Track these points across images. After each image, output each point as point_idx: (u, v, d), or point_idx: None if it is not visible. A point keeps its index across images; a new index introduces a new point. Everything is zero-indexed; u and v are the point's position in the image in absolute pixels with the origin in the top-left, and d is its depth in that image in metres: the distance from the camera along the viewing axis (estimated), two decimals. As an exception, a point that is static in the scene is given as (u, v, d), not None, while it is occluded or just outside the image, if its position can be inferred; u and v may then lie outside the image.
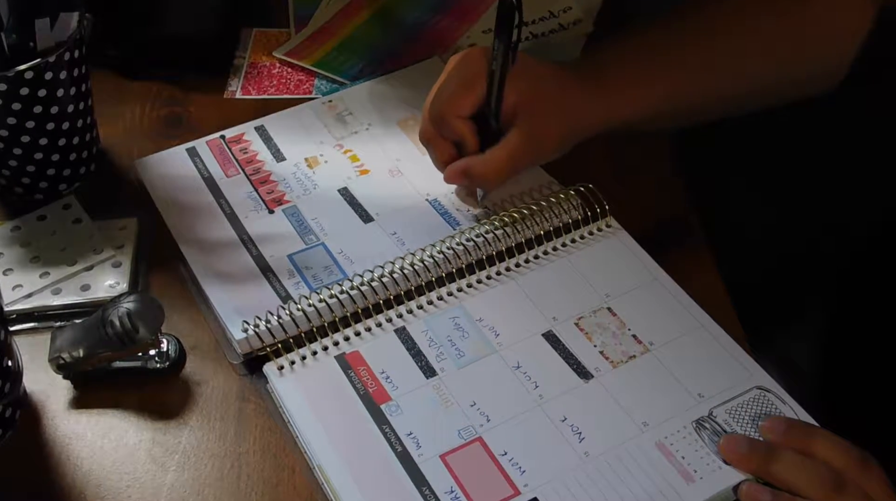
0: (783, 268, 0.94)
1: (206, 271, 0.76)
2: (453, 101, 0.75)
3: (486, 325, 0.71)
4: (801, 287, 0.94)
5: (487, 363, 0.69)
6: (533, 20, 1.01)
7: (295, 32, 1.00)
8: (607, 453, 0.64)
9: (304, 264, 0.76)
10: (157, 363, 0.70)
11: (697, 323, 0.71)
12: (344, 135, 0.87)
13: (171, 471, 0.66)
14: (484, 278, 0.74)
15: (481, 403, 0.67)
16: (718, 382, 0.67)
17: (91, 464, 0.66)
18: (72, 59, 0.78)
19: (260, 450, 0.67)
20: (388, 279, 0.72)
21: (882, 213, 0.84)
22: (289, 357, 0.69)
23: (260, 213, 0.80)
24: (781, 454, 0.62)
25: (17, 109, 0.76)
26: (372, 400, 0.67)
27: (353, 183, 0.83)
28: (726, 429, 0.65)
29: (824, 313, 0.94)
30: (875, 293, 0.88)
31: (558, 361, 0.69)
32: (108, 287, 0.75)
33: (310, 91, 0.94)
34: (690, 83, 0.78)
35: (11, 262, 0.77)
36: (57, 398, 0.70)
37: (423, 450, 0.64)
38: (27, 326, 0.74)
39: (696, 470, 0.63)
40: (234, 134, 0.87)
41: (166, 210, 0.81)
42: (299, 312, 0.70)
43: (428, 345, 0.70)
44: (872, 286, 0.89)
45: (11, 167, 0.80)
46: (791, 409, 0.66)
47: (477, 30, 1.00)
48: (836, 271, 0.92)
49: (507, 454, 0.64)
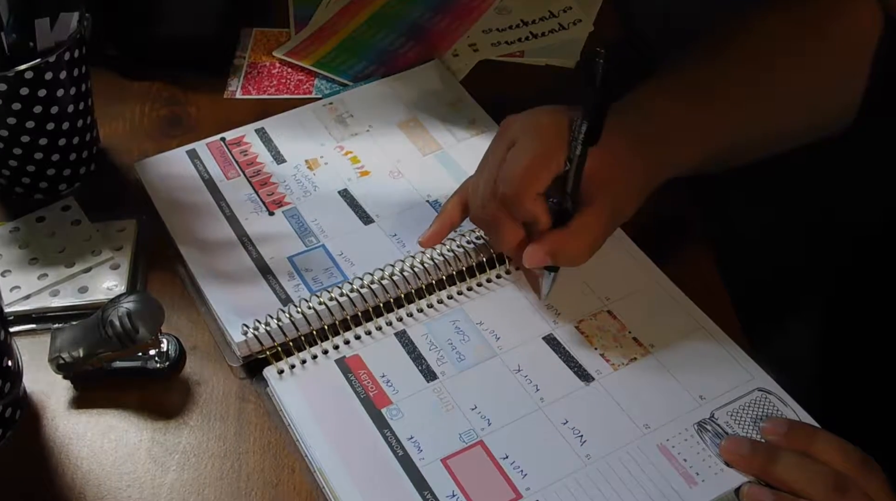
0: (783, 269, 0.94)
1: (205, 272, 0.75)
2: (532, 179, 0.67)
3: (486, 328, 0.71)
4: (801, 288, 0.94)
5: (488, 366, 0.69)
6: (533, 20, 1.01)
7: (295, 32, 1.00)
8: (609, 456, 0.64)
9: (304, 265, 0.76)
10: (157, 363, 0.70)
11: (698, 325, 0.71)
12: (344, 137, 0.87)
13: (171, 471, 0.66)
14: (484, 281, 0.74)
15: (482, 406, 0.66)
16: (719, 384, 0.67)
17: (91, 464, 0.66)
18: (72, 59, 0.78)
19: (260, 450, 0.67)
20: (389, 282, 0.72)
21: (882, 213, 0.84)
22: (289, 361, 0.69)
23: (260, 215, 0.80)
24: (783, 455, 0.62)
25: (17, 109, 0.76)
26: (372, 404, 0.67)
27: (353, 185, 0.83)
28: (727, 431, 0.65)
29: (824, 313, 0.94)
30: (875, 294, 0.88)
31: (559, 364, 0.69)
32: (106, 289, 0.75)
33: (310, 91, 0.94)
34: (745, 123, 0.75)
35: (10, 263, 0.77)
36: (57, 398, 0.70)
37: (425, 454, 0.64)
38: (25, 327, 0.74)
39: (698, 473, 0.63)
40: (235, 136, 0.87)
41: (166, 212, 0.81)
42: (299, 315, 0.70)
43: (428, 349, 0.70)
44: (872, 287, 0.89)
45: (11, 167, 0.80)
46: (792, 410, 0.66)
47: (477, 30, 1.00)
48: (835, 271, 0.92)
49: (509, 457, 0.64)
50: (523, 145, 0.69)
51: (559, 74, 0.95)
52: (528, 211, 0.68)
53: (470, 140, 0.87)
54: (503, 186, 0.68)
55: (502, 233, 0.70)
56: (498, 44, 0.99)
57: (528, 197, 0.67)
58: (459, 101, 0.91)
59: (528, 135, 0.69)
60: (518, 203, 0.68)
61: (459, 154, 0.85)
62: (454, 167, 0.84)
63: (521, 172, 0.67)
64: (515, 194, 0.67)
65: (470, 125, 0.88)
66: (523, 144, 0.69)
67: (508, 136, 0.70)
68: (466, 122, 0.88)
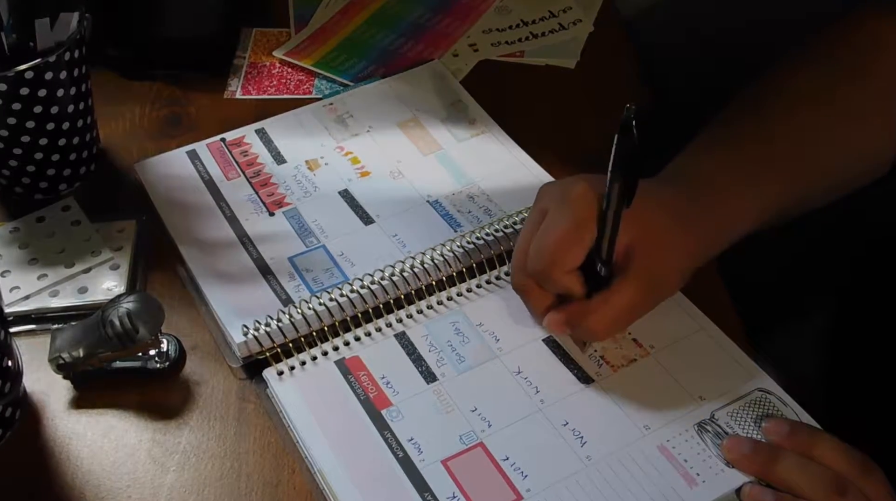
0: (784, 269, 0.94)
1: (206, 273, 0.75)
2: (561, 254, 0.65)
3: (486, 330, 0.71)
4: (802, 288, 0.94)
5: (488, 368, 0.69)
6: (533, 20, 1.01)
7: (295, 32, 1.00)
8: (609, 457, 0.64)
9: (304, 266, 0.76)
10: (157, 363, 0.70)
11: (698, 326, 0.71)
12: (345, 137, 0.87)
13: (171, 471, 0.66)
14: (484, 282, 0.74)
15: (482, 408, 0.66)
16: (720, 384, 0.67)
17: (91, 464, 0.66)
18: (72, 59, 0.78)
19: (260, 450, 0.67)
20: (389, 283, 0.72)
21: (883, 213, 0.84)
22: (289, 362, 0.69)
23: (260, 215, 0.80)
24: (784, 456, 0.62)
25: (17, 109, 0.76)
26: (373, 406, 0.67)
27: (353, 185, 0.83)
28: (728, 431, 0.65)
29: (825, 313, 0.94)
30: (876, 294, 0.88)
31: (559, 366, 0.69)
32: (106, 290, 0.75)
33: (310, 91, 0.94)
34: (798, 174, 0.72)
35: (10, 263, 0.77)
36: (57, 398, 0.70)
37: (425, 456, 0.64)
38: (24, 328, 0.74)
39: (699, 473, 0.63)
40: (235, 137, 0.87)
41: (166, 212, 0.80)
42: (299, 316, 0.70)
43: (428, 350, 0.70)
44: (873, 287, 0.89)
45: (11, 167, 0.80)
46: (792, 410, 0.66)
47: (477, 30, 1.00)
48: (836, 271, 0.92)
49: (509, 459, 0.64)
50: (554, 218, 0.66)
51: (559, 73, 0.95)
52: (560, 286, 0.66)
53: (470, 140, 0.87)
54: (534, 262, 0.66)
55: (531, 301, 0.69)
56: (498, 44, 0.99)
57: (558, 273, 0.65)
58: (459, 101, 0.91)
59: (560, 206, 0.66)
60: (549, 279, 0.66)
61: (460, 154, 0.85)
62: (454, 167, 0.84)
63: (552, 248, 0.65)
64: (545, 270, 0.65)
65: (470, 125, 0.88)
66: (554, 217, 0.66)
67: (541, 206, 0.68)
68: (466, 122, 0.88)
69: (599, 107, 0.91)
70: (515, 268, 0.68)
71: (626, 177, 0.61)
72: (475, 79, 0.94)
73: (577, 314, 0.66)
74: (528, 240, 0.67)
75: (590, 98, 0.92)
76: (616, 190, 0.61)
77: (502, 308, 0.73)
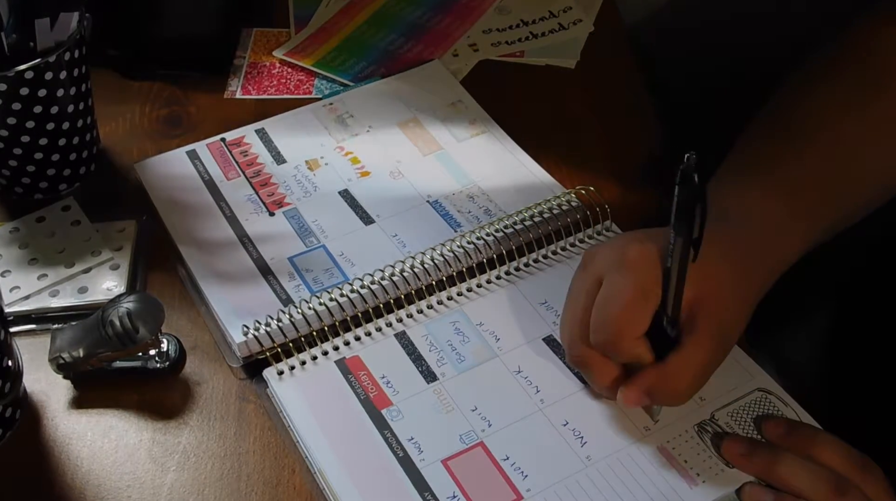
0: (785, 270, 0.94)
1: (206, 273, 0.75)
2: (628, 323, 0.62)
3: (486, 330, 0.71)
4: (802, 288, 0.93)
5: (488, 367, 0.69)
6: (533, 20, 1.01)
7: (295, 32, 1.00)
8: (609, 457, 0.64)
9: (304, 266, 0.76)
10: (157, 363, 0.70)
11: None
12: (345, 137, 0.87)
13: (171, 471, 0.66)
14: (484, 282, 0.74)
15: (482, 408, 0.66)
16: (719, 384, 0.67)
17: (91, 464, 0.66)
18: (72, 59, 0.78)
19: (260, 450, 0.67)
20: (389, 283, 0.72)
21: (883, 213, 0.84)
22: (289, 362, 0.69)
23: (260, 215, 0.80)
24: (784, 456, 0.62)
25: (17, 109, 0.76)
26: (373, 405, 0.67)
27: (353, 185, 0.83)
28: (728, 432, 0.65)
29: (825, 313, 0.94)
30: (876, 294, 0.88)
31: (559, 365, 0.69)
32: (106, 290, 0.75)
33: (310, 91, 0.94)
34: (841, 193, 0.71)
35: (9, 263, 0.77)
36: (57, 398, 0.70)
37: (425, 455, 0.64)
38: (24, 328, 0.74)
39: (699, 474, 0.63)
40: (235, 137, 0.87)
41: (166, 212, 0.80)
42: (299, 315, 0.70)
43: (428, 350, 0.70)
44: (873, 287, 0.89)
45: (11, 167, 0.80)
46: (793, 410, 0.66)
47: (477, 30, 1.00)
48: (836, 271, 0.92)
49: (509, 458, 0.64)
50: (615, 285, 0.63)
51: (559, 73, 0.95)
52: (629, 355, 0.63)
53: (470, 140, 0.86)
54: (599, 334, 0.62)
55: (595, 374, 0.65)
56: (498, 44, 0.99)
57: (627, 342, 0.62)
58: (459, 101, 0.91)
59: (618, 271, 0.63)
60: (618, 350, 0.63)
61: (460, 154, 0.85)
62: (454, 167, 0.84)
63: (619, 318, 0.62)
64: (613, 341, 0.62)
65: (470, 125, 0.88)
66: (615, 284, 0.63)
67: (594, 272, 0.65)
68: (466, 122, 0.88)
69: (599, 107, 0.91)
70: (573, 340, 0.65)
71: (691, 230, 0.58)
72: (475, 79, 0.94)
73: (656, 383, 0.62)
74: (583, 309, 0.64)
75: (590, 98, 0.92)
76: (679, 245, 0.59)
77: (502, 308, 0.73)
